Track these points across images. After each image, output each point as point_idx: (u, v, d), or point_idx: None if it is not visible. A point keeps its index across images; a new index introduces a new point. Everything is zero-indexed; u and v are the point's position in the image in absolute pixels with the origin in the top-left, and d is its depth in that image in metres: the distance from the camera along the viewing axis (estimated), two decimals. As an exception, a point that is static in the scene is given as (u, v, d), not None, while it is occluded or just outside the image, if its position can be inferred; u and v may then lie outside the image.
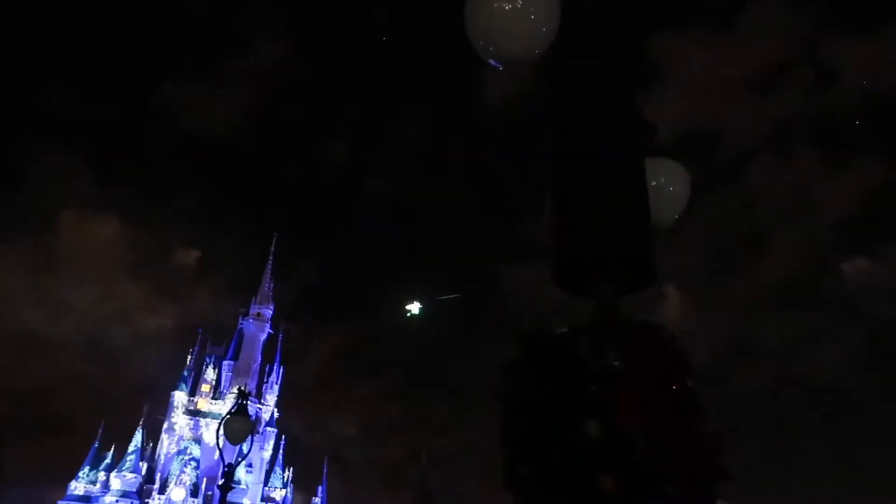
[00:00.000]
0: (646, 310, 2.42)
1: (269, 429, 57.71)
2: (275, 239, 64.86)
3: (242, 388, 15.65)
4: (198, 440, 53.81)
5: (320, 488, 58.35)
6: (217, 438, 11.86)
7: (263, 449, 55.90)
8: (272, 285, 63.35)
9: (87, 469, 52.54)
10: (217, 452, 12.93)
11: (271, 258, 64.33)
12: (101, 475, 52.10)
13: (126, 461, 52.35)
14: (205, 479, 50.52)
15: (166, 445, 55.01)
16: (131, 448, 53.40)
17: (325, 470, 58.90)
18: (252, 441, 12.71)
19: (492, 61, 2.89)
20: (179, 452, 53.59)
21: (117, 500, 49.79)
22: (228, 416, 11.90)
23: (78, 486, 51.44)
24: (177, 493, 50.67)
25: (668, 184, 3.45)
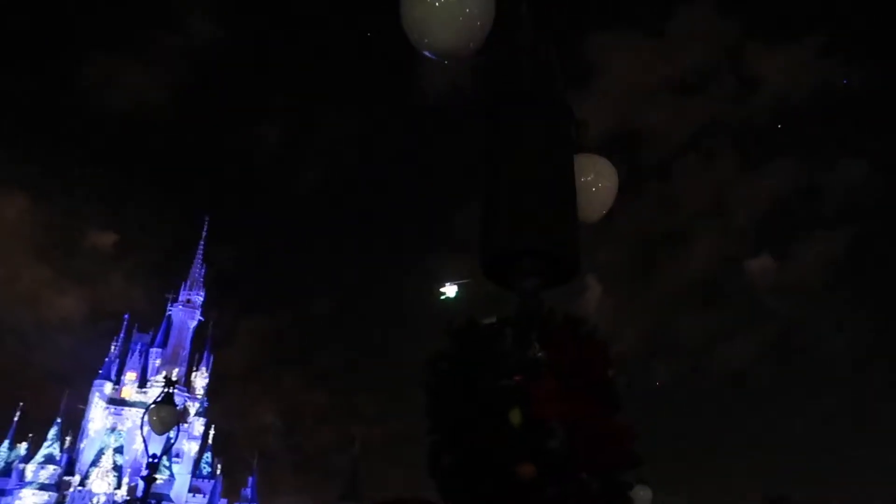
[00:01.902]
0: (569, 303, 2.49)
1: (197, 418, 56.32)
2: (206, 223, 63.02)
3: (170, 377, 15.21)
4: (122, 430, 52.03)
5: (251, 479, 57.41)
6: (142, 428, 11.51)
7: (192, 439, 54.55)
8: (203, 270, 61.65)
9: None
10: (142, 443, 12.55)
11: (202, 242, 62.53)
12: (16, 467, 49.68)
13: (43, 452, 50.13)
14: (128, 471, 48.95)
15: (88, 436, 52.90)
16: (49, 439, 51.13)
17: (254, 461, 58.01)
18: (179, 431, 12.40)
19: (426, 53, 2.90)
20: (102, 443, 51.70)
21: (34, 493, 47.67)
22: (154, 406, 11.57)
23: (-10, 479, 48.95)
24: (98, 485, 48.87)
25: (596, 180, 3.55)
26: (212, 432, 56.49)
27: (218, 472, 56.05)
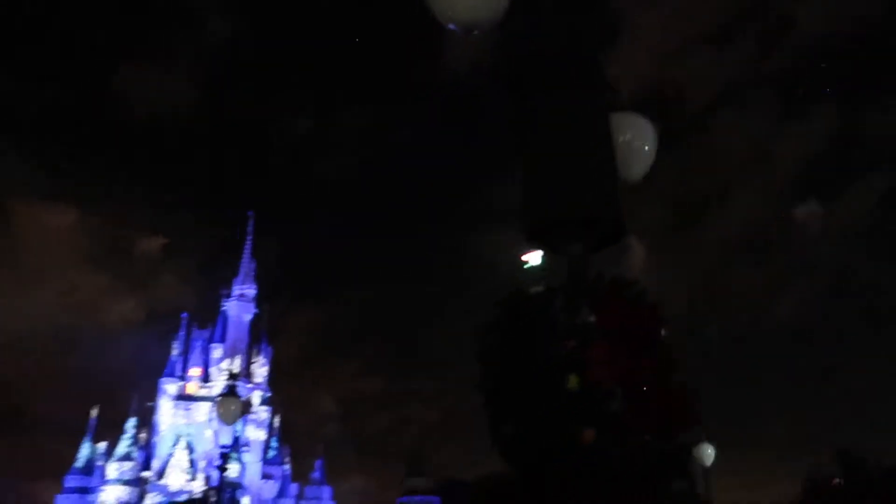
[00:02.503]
0: (614, 266, 2.48)
1: (261, 408, 57.90)
2: (251, 218, 64.23)
3: (231, 370, 15.67)
4: (191, 424, 53.94)
5: (318, 462, 58.98)
6: (211, 421, 11.92)
7: (259, 428, 56.21)
8: (252, 265, 62.93)
9: (82, 461, 52.60)
10: (212, 435, 12.99)
11: (249, 237, 63.73)
12: (97, 466, 52.16)
13: (121, 451, 52.42)
14: (202, 463, 50.79)
15: (159, 432, 55.10)
16: (125, 437, 53.40)
17: (320, 445, 59.57)
18: (245, 421, 12.79)
19: (451, 25, 2.88)
20: (174, 438, 53.74)
21: (116, 490, 49.91)
22: (220, 399, 11.97)
23: (74, 479, 51.51)
24: (174, 478, 50.91)
25: (634, 139, 3.49)
26: (277, 420, 58.12)
27: (286, 458, 57.76)
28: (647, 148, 3.52)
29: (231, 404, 11.67)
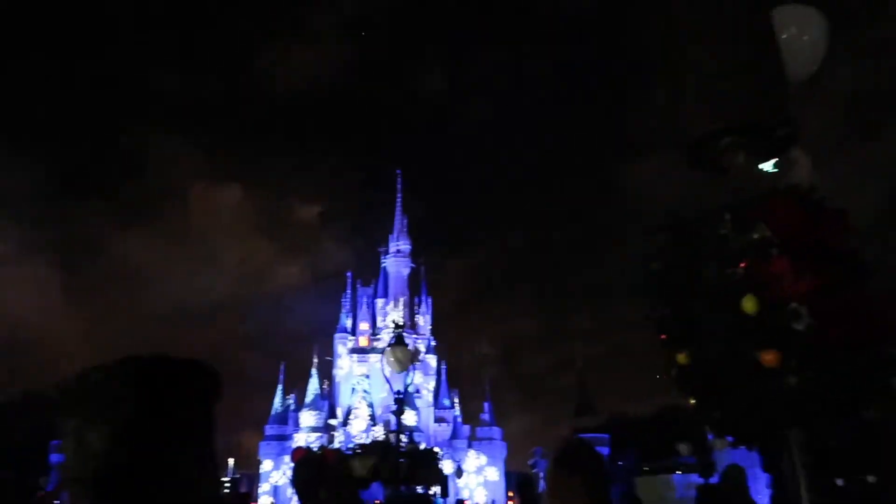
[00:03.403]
0: (784, 177, 2.26)
1: (428, 356, 60.68)
2: (399, 176, 66.30)
3: (396, 321, 16.49)
4: (366, 375, 57.80)
5: (486, 404, 61.13)
6: (383, 370, 12.68)
7: (427, 375, 59.11)
8: (405, 221, 65.24)
9: (276, 411, 58.62)
10: (385, 384, 13.83)
11: (399, 195, 65.95)
12: (290, 415, 57.95)
13: (309, 401, 57.64)
14: (379, 409, 54.43)
15: (338, 383, 60.00)
16: (310, 389, 58.65)
17: (487, 387, 61.53)
18: (414, 369, 13.46)
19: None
20: (352, 388, 58.00)
21: (307, 436, 55.03)
22: (389, 347, 12.66)
23: (272, 428, 57.64)
24: (357, 424, 55.12)
25: (800, 33, 3.12)
26: (443, 367, 60.74)
27: (455, 401, 60.43)
28: (815, 42, 3.14)
29: (399, 353, 12.31)
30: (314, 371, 59.01)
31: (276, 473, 53.32)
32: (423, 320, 61.76)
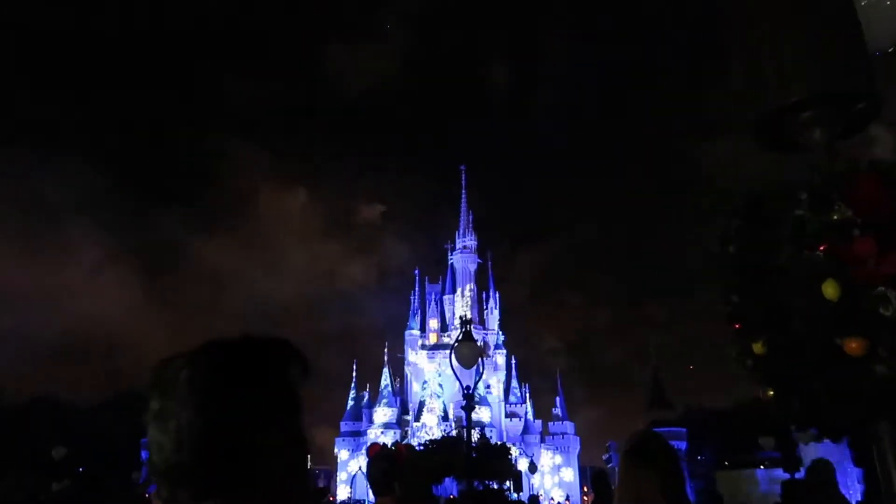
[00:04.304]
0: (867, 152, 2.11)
1: (497, 351, 60.65)
2: (463, 172, 66.43)
3: (464, 317, 16.52)
4: (437, 371, 58.25)
5: (558, 398, 60.60)
6: (451, 366, 12.72)
7: (497, 370, 59.07)
8: (471, 216, 65.35)
9: (350, 408, 59.76)
10: (455, 380, 13.88)
11: (464, 192, 66.13)
12: (364, 412, 58.97)
13: (382, 398, 58.52)
14: (451, 405, 54.77)
15: (409, 380, 60.62)
16: (382, 386, 59.49)
17: (558, 380, 60.99)
18: (484, 363, 13.45)
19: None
20: (423, 384, 58.57)
21: (382, 432, 55.95)
22: (456, 344, 12.69)
23: (347, 425, 58.85)
24: (429, 419, 55.64)
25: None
26: (513, 362, 60.56)
27: (527, 396, 60.16)
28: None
29: (467, 349, 12.32)
30: (386, 368, 59.92)
31: (352, 463, 54.49)
32: (492, 316, 61.74)
